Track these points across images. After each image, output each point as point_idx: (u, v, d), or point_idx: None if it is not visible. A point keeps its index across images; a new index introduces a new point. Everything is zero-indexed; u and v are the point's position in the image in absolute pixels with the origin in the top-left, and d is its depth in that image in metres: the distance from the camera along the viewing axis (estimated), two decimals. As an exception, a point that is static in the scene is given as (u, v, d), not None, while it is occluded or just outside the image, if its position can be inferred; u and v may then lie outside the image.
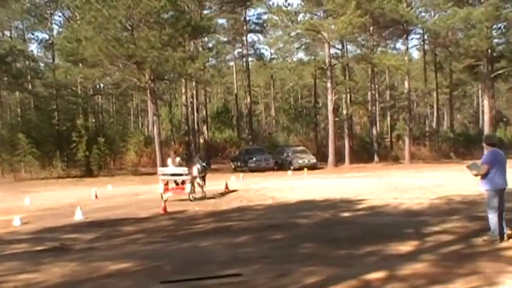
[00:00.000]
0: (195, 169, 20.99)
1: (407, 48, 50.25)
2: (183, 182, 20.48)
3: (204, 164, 22.75)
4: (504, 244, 9.45)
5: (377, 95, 55.93)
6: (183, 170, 20.69)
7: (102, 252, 10.27)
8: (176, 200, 19.53)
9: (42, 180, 37.44)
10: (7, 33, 55.22)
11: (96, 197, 22.31)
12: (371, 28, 48.99)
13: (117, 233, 12.75)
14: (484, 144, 10.02)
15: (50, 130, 44.55)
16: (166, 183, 20.51)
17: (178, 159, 22.41)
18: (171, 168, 21.09)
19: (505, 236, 9.74)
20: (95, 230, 13.27)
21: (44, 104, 47.76)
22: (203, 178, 22.14)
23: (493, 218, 9.64)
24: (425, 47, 58.62)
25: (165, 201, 18.14)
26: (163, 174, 21.08)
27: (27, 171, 41.64)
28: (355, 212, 14.84)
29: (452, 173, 30.01)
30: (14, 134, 40.94)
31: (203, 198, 20.67)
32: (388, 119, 59.82)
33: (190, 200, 19.54)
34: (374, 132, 50.94)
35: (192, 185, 20.41)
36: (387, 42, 60.11)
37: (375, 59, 46.45)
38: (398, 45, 59.82)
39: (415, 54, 69.50)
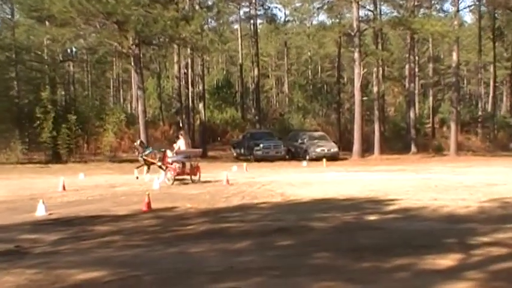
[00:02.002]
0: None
1: (458, 10, 50.07)
2: (183, 165, 24.33)
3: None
4: None
5: (417, 69, 55.84)
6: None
7: (68, 257, 10.31)
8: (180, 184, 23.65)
9: (-3, 166, 37.60)
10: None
11: (64, 188, 22.37)
12: (412, -16, 48.89)
13: (88, 233, 12.78)
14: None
15: (7, 104, 44.62)
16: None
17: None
18: (185, 150, 25.01)
19: None
20: (61, 229, 13.31)
21: (0, 71, 47.73)
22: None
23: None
24: (481, 8, 58.14)
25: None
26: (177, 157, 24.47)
27: (-22, 154, 41.78)
28: (383, 215, 14.85)
29: (510, 169, 29.95)
30: (-40, 108, 41.07)
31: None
32: (430, 99, 59.81)
33: (193, 182, 24.05)
34: (411, 115, 50.89)
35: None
36: (432, 2, 59.73)
37: (415, 23, 46.19)
38: (447, 5, 59.60)
39: (468, 17, 69.39)
